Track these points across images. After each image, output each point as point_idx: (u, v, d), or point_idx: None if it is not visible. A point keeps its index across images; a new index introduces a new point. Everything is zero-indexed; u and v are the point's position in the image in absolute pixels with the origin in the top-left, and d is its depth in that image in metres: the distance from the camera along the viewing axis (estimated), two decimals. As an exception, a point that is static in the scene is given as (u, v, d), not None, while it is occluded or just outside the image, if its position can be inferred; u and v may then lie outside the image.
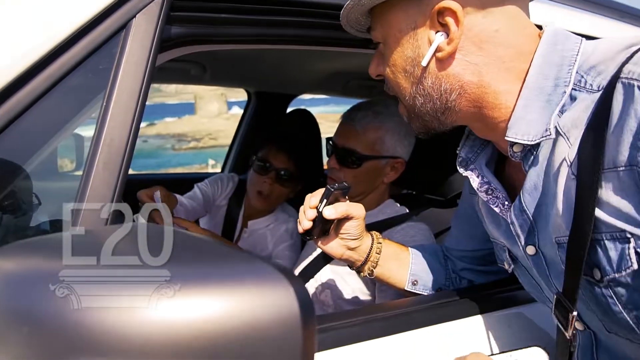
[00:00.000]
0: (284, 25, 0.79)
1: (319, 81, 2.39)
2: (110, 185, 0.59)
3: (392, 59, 0.74)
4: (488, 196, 0.78)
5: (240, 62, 2.10)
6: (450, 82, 0.71)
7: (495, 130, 0.73)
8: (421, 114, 0.76)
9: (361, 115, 1.31)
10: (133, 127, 0.62)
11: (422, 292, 1.07)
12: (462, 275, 1.07)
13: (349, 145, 1.30)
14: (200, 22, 0.72)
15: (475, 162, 0.81)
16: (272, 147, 1.62)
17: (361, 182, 1.32)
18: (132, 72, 0.63)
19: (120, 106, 0.62)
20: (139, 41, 0.64)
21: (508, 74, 0.69)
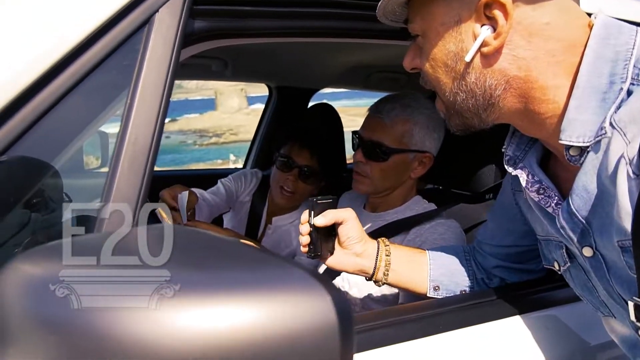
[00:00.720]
0: (310, 17, 0.76)
1: (341, 74, 2.36)
2: (135, 185, 0.58)
3: (432, 53, 0.71)
4: (539, 196, 0.74)
5: (261, 57, 2.08)
6: (495, 78, 0.67)
7: (542, 127, 0.69)
8: (462, 110, 0.73)
9: (389, 108, 1.28)
10: (158, 124, 0.61)
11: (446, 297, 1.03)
12: (494, 273, 1.03)
13: (377, 138, 1.27)
14: (224, 15, 0.70)
15: (524, 160, 0.78)
16: (294, 144, 1.60)
17: (388, 176, 1.29)
18: (156, 68, 0.62)
19: (144, 103, 0.60)
20: (162, 36, 0.63)
21: (557, 69, 0.65)
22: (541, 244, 0.87)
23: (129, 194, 0.57)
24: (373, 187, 1.31)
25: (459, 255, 1.08)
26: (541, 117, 0.68)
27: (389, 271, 1.00)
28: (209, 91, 67.63)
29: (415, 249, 1.09)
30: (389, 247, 1.02)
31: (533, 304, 0.96)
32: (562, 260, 0.80)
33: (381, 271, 1.00)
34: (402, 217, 1.31)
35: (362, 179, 1.31)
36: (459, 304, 0.92)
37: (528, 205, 0.85)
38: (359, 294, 1.27)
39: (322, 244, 0.97)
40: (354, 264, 1.00)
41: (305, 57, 2.11)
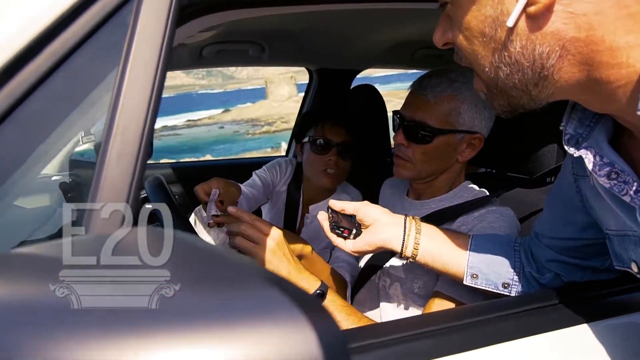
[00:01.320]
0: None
1: (383, 53, 2.23)
2: (125, 180, 0.51)
3: (465, 21, 0.58)
4: (611, 181, 0.60)
5: (297, 39, 2.00)
6: (547, 43, 0.54)
7: (613, 100, 0.55)
8: (506, 88, 0.60)
9: (434, 83, 1.13)
10: (150, 112, 0.53)
11: (486, 287, 0.92)
12: (549, 267, 0.89)
13: (419, 118, 1.14)
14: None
15: (589, 139, 0.63)
16: (326, 124, 1.54)
17: (432, 160, 1.17)
18: (149, 45, 0.54)
19: (135, 88, 0.53)
20: (155, 7, 0.54)
21: (632, 22, 0.50)
22: (612, 241, 0.72)
23: (119, 191, 0.50)
24: (416, 172, 1.19)
25: (506, 244, 0.96)
26: (611, 86, 0.54)
27: (419, 244, 0.94)
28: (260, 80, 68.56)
29: (458, 232, 1.00)
30: (420, 223, 0.98)
31: (607, 309, 0.82)
32: None
33: (411, 245, 0.95)
34: (449, 205, 1.18)
35: (404, 163, 1.19)
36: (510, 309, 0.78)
37: (596, 193, 0.70)
38: (401, 290, 1.17)
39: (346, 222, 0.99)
40: (381, 240, 0.96)
41: (345, 36, 2.00)
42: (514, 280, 0.92)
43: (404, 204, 1.30)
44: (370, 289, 1.27)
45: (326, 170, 1.52)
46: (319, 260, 1.21)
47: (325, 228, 1.01)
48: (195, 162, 7.17)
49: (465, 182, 1.23)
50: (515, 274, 0.92)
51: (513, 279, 0.92)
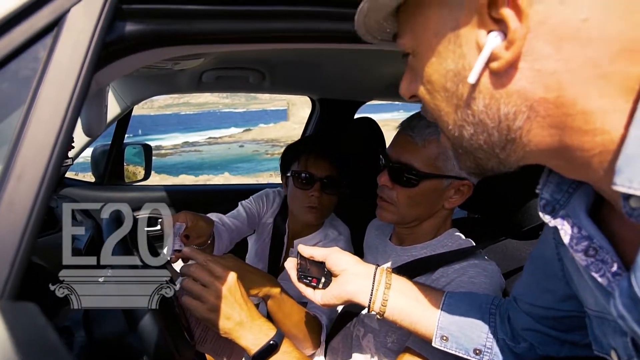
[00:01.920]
0: (276, 17, 0.61)
1: (386, 87, 2.18)
2: (15, 235, 0.45)
3: (426, 74, 0.53)
4: (588, 258, 0.53)
5: (300, 68, 1.97)
6: (513, 103, 0.48)
7: (588, 169, 0.48)
8: (472, 149, 0.53)
9: (423, 125, 1.07)
10: (55, 155, 0.48)
11: (456, 352, 0.84)
12: (524, 336, 0.81)
13: (405, 160, 1.07)
14: (164, 17, 0.56)
15: (567, 207, 0.56)
16: (309, 156, 1.46)
17: (417, 205, 1.10)
18: (61, 85, 0.49)
19: (39, 128, 0.48)
20: (72, 43, 0.50)
21: (606, 84, 0.44)
22: (591, 321, 0.64)
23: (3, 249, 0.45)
24: (399, 216, 1.12)
25: (482, 306, 0.88)
26: (585, 154, 0.47)
27: (387, 299, 0.88)
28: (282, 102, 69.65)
29: (430, 288, 0.92)
30: (390, 274, 0.92)
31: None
32: (624, 352, 0.56)
33: (379, 299, 0.89)
34: (433, 254, 1.11)
35: (387, 205, 1.13)
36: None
37: (576, 267, 0.62)
38: (373, 342, 1.09)
39: (314, 270, 0.94)
40: (349, 292, 0.90)
41: (348, 68, 1.96)
42: (486, 347, 0.84)
43: (386, 248, 1.23)
44: (345, 337, 1.19)
45: (309, 205, 1.45)
46: (289, 301, 1.14)
47: (293, 277, 0.94)
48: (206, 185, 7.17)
49: (451, 230, 1.16)
50: (488, 340, 0.84)
51: (486, 345, 0.84)
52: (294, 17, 0.63)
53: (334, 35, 0.68)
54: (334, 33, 0.68)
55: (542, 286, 0.76)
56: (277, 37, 0.64)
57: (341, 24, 0.67)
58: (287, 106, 53.18)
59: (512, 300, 0.85)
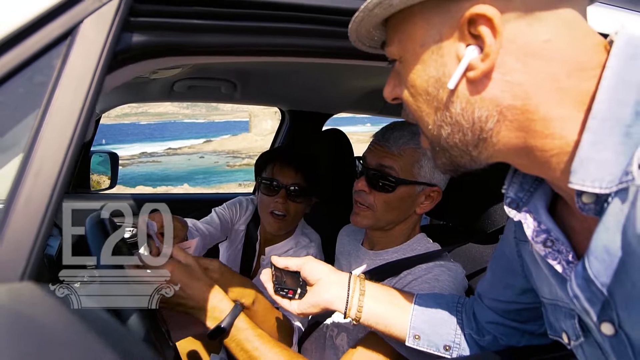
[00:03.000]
0: (273, 33, 0.66)
1: (357, 100, 2.27)
2: (31, 227, 0.48)
3: (411, 79, 0.60)
4: (546, 249, 0.61)
5: (272, 80, 2.02)
6: (485, 108, 0.56)
7: (547, 167, 0.56)
8: (448, 147, 0.61)
9: (397, 136, 1.16)
10: (68, 155, 0.51)
11: (428, 349, 0.90)
12: (487, 329, 0.89)
13: (384, 167, 1.15)
14: (168, 29, 0.61)
15: (529, 204, 0.64)
16: (276, 164, 1.51)
17: (392, 209, 1.17)
18: (74, 89, 0.53)
19: (54, 129, 0.51)
20: (85, 52, 0.54)
21: (563, 96, 0.53)
22: (546, 309, 0.72)
23: (22, 237, 0.48)
24: (374, 220, 1.18)
25: (449, 304, 0.95)
26: (545, 154, 0.55)
27: (362, 306, 0.93)
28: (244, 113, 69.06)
29: (402, 292, 0.97)
30: (364, 281, 0.96)
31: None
32: (573, 333, 0.65)
33: (355, 306, 0.93)
34: (403, 257, 1.18)
35: (364, 211, 1.18)
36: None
37: (533, 259, 0.71)
38: (347, 340, 1.14)
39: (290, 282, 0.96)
40: (325, 301, 0.94)
41: (318, 81, 2.03)
42: (455, 342, 0.90)
43: (358, 253, 1.29)
44: (318, 338, 1.24)
45: (273, 212, 1.48)
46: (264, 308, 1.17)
47: (269, 290, 0.97)
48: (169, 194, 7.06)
49: (420, 235, 1.23)
50: (457, 336, 0.91)
51: (454, 341, 0.90)
52: (290, 34, 0.69)
53: (321, 50, 0.74)
54: (321, 49, 0.74)
55: (503, 282, 0.84)
56: (274, 52, 0.69)
57: (327, 40, 0.74)
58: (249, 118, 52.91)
59: (477, 297, 0.92)
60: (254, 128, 49.76)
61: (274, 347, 0.97)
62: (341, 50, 0.77)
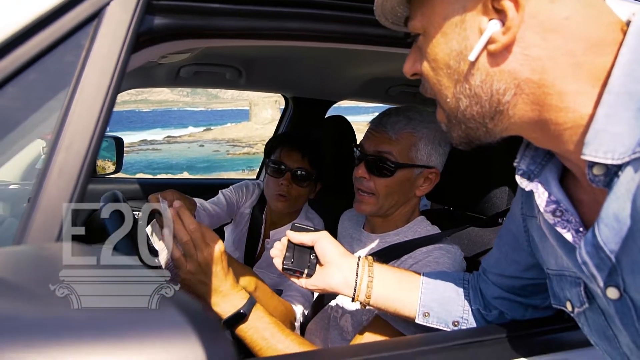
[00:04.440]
0: (289, 17, 0.69)
1: (359, 87, 2.29)
2: (64, 195, 0.52)
3: (432, 52, 0.62)
4: (555, 218, 0.64)
5: (276, 67, 2.04)
6: (504, 81, 0.58)
7: (560, 140, 0.59)
8: (464, 119, 0.63)
9: (393, 121, 1.20)
10: (97, 130, 0.55)
11: (437, 325, 0.94)
12: (494, 305, 0.93)
13: (382, 152, 1.18)
14: (188, 13, 0.64)
15: (540, 177, 0.67)
16: (284, 148, 1.56)
17: (393, 193, 1.20)
18: (101, 68, 0.56)
19: (84, 106, 0.55)
20: (111, 33, 0.57)
21: (579, 71, 0.55)
22: (551, 280, 0.76)
23: (57, 205, 0.51)
24: (378, 206, 1.21)
25: (455, 281, 0.98)
26: (559, 127, 0.58)
27: (371, 290, 0.94)
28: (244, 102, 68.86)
29: (409, 271, 1.01)
30: (372, 266, 0.96)
31: (541, 345, 0.85)
32: (577, 300, 0.69)
33: (363, 292, 0.94)
34: (404, 240, 1.21)
35: (366, 197, 1.21)
36: (451, 342, 0.81)
37: (541, 233, 0.74)
38: (351, 322, 1.18)
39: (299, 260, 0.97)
40: (333, 285, 0.95)
41: (322, 67, 2.06)
42: (463, 318, 0.94)
43: (360, 237, 1.33)
44: (322, 319, 1.28)
45: (279, 193, 1.53)
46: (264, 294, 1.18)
47: (277, 266, 0.98)
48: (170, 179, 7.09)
49: (419, 217, 1.27)
50: (465, 312, 0.94)
51: (463, 317, 0.94)
52: (300, 18, 0.72)
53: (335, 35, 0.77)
54: (334, 34, 0.77)
55: (509, 258, 0.88)
56: (289, 35, 0.73)
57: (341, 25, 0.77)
58: (249, 106, 52.72)
59: (482, 272, 0.96)
60: (254, 117, 49.64)
61: (289, 335, 0.99)
62: (353, 36, 0.80)
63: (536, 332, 0.88)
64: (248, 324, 0.97)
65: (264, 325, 0.98)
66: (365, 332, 1.04)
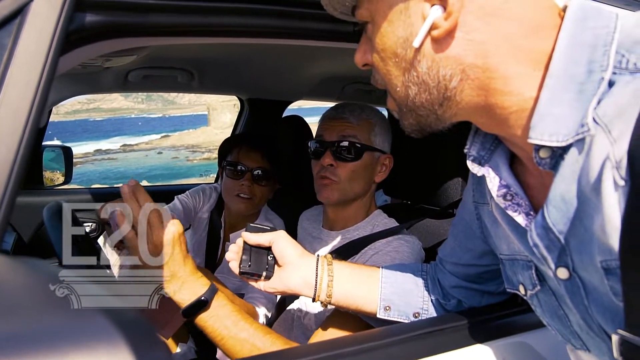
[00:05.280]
0: (227, 13, 0.67)
1: (315, 86, 2.29)
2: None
3: (381, 42, 0.63)
4: (506, 202, 0.65)
5: (229, 68, 2.01)
6: (449, 67, 0.58)
7: (506, 124, 0.60)
8: (414, 107, 0.64)
9: (351, 109, 1.25)
10: (24, 138, 0.51)
11: (398, 318, 0.94)
12: (452, 294, 0.94)
13: (346, 137, 1.21)
14: (122, 9, 0.61)
15: (490, 162, 0.68)
16: (242, 149, 1.54)
17: (358, 178, 1.22)
18: (27, 70, 0.52)
19: (8, 112, 0.51)
20: (37, 31, 0.54)
21: (520, 54, 0.56)
22: (504, 265, 0.77)
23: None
24: (342, 192, 1.22)
25: (414, 273, 0.99)
26: (504, 112, 0.59)
27: (332, 290, 0.92)
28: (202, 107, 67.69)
29: (368, 266, 1.01)
30: (331, 265, 0.95)
31: (498, 330, 0.87)
32: (530, 283, 0.70)
33: (324, 291, 0.92)
34: (365, 235, 1.22)
35: (332, 183, 1.21)
36: (411, 332, 0.82)
37: (493, 219, 0.75)
38: (314, 320, 1.17)
39: (257, 263, 0.93)
40: (293, 286, 0.93)
41: (276, 68, 2.04)
42: (423, 309, 0.95)
43: (321, 235, 1.32)
44: (285, 320, 1.26)
45: (239, 195, 1.50)
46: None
47: (234, 269, 0.94)
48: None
49: (377, 211, 1.28)
50: (425, 303, 0.95)
51: (423, 307, 0.95)
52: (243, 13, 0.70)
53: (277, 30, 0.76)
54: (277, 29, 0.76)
55: (464, 246, 0.89)
56: (227, 32, 0.70)
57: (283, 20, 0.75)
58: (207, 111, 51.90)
59: (439, 262, 0.97)
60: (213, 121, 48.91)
61: (253, 324, 0.93)
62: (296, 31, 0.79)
63: (492, 317, 0.90)
64: (209, 312, 0.89)
65: (226, 312, 0.90)
66: (325, 325, 1.03)
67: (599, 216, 0.50)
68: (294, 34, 0.81)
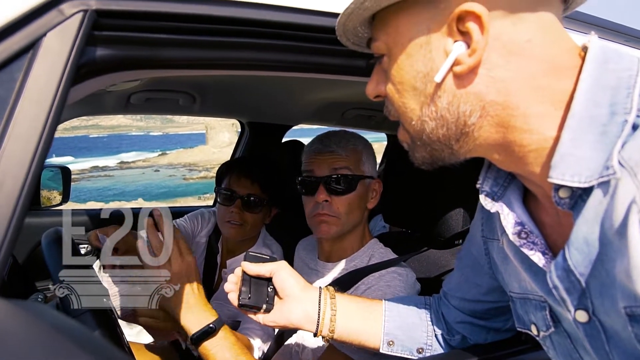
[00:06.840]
0: (234, 47, 0.68)
1: (315, 111, 2.30)
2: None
3: (398, 75, 0.62)
4: (521, 240, 0.63)
5: (231, 92, 2.02)
6: (470, 102, 0.58)
7: (524, 162, 0.59)
8: (430, 141, 0.63)
9: (336, 140, 1.23)
10: (32, 168, 0.51)
11: (401, 354, 0.92)
12: (457, 329, 0.92)
13: (339, 170, 1.20)
14: (132, 44, 0.61)
15: (503, 198, 0.67)
16: (232, 175, 1.53)
17: (355, 209, 1.21)
18: (37, 102, 0.53)
19: (17, 143, 0.51)
20: (48, 65, 0.54)
21: (541, 93, 0.56)
22: (515, 303, 0.76)
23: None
24: (341, 226, 1.21)
25: (417, 306, 0.97)
26: (523, 149, 0.58)
27: (335, 325, 0.90)
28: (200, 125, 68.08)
29: (370, 299, 0.99)
30: (334, 298, 0.92)
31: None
32: (543, 324, 0.68)
33: (327, 326, 0.90)
34: (362, 266, 1.20)
35: (331, 219, 1.20)
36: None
37: (503, 256, 0.74)
38: (312, 355, 1.15)
39: (257, 294, 0.91)
40: (294, 320, 0.90)
41: (277, 92, 2.05)
42: (427, 344, 0.93)
43: (317, 267, 1.30)
44: (284, 354, 1.24)
45: (229, 221, 1.49)
46: None
47: (233, 302, 0.92)
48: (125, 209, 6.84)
49: (372, 240, 1.27)
50: (429, 338, 0.93)
51: (427, 343, 0.93)
52: (253, 48, 0.71)
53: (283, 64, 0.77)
54: (283, 63, 0.77)
55: (471, 281, 0.88)
56: (237, 65, 0.71)
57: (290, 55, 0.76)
58: (205, 130, 52.12)
59: (443, 296, 0.95)
60: (210, 140, 49.05)
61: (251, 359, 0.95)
62: (303, 65, 0.80)
63: (498, 355, 0.89)
64: (214, 341, 0.93)
65: (229, 344, 0.93)
66: None
67: (622, 260, 0.49)
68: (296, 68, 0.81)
